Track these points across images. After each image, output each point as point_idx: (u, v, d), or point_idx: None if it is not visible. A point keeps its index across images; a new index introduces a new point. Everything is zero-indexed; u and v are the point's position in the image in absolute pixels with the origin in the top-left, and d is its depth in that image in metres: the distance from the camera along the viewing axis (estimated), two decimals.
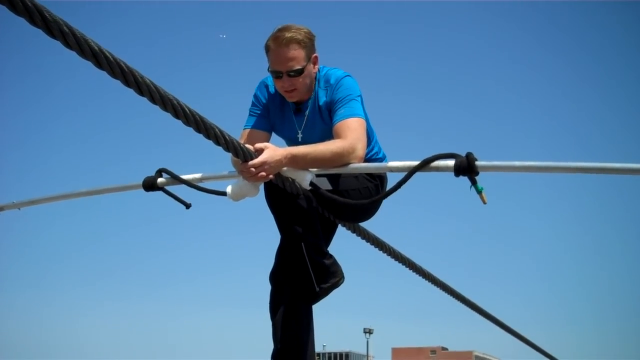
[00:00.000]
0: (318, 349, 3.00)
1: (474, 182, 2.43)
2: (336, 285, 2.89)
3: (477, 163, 2.39)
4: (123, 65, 1.82)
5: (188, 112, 2.09)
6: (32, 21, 1.57)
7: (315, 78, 2.96)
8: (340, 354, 79.18)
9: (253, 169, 2.51)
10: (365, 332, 50.14)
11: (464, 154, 2.45)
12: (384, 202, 2.98)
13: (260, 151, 2.54)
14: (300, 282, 2.80)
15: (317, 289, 2.80)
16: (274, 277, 2.92)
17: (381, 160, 3.15)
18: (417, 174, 2.54)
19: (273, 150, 2.56)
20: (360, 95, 2.92)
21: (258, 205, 2.86)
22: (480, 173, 2.42)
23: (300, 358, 2.82)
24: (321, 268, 2.81)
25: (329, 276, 2.84)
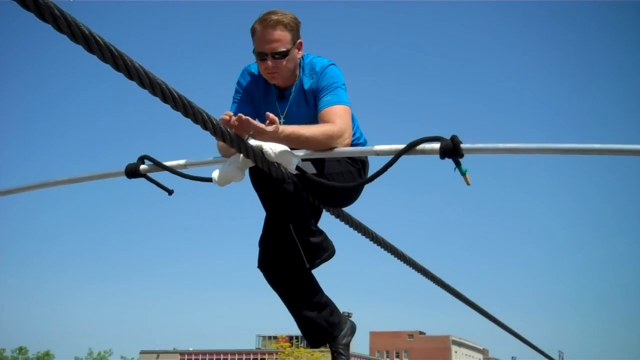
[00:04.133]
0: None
1: (458, 164, 2.46)
2: (327, 258, 2.93)
3: (462, 145, 2.42)
4: (113, 49, 1.83)
5: (176, 96, 2.10)
6: (24, 4, 1.56)
7: (300, 65, 2.98)
8: None
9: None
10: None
11: (448, 137, 2.48)
12: (366, 186, 3.01)
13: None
14: (290, 262, 2.84)
15: (308, 265, 2.84)
16: (264, 264, 2.94)
17: (363, 145, 3.17)
18: (402, 157, 2.57)
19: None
20: (344, 84, 2.95)
21: (244, 190, 2.87)
22: (465, 156, 2.46)
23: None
24: (311, 247, 2.84)
25: (319, 251, 2.88)
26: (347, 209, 3.33)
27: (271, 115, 2.62)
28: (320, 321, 2.96)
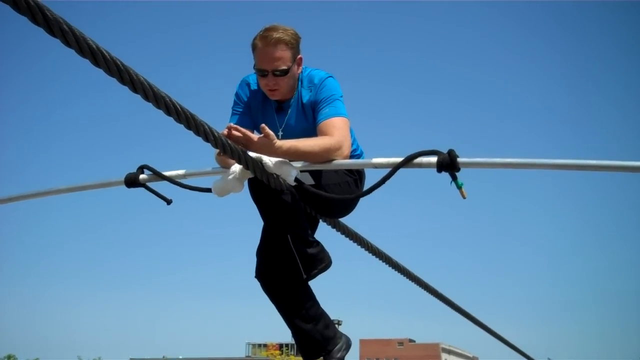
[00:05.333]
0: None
1: (454, 178, 2.50)
2: (323, 269, 2.97)
3: (459, 160, 2.45)
4: (119, 64, 1.85)
5: (180, 109, 2.13)
6: (34, 20, 1.59)
7: (298, 78, 3.02)
8: None
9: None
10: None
11: (444, 151, 2.51)
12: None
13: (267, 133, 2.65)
14: (288, 272, 2.88)
15: (305, 276, 2.88)
16: (261, 273, 2.98)
17: (359, 156, 3.21)
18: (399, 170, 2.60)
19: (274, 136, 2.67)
20: (342, 96, 2.99)
21: (243, 200, 2.91)
22: (461, 169, 2.49)
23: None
24: (308, 258, 2.88)
25: (316, 263, 2.92)
26: (343, 219, 3.36)
27: (267, 129, 2.65)
28: (315, 334, 2.98)
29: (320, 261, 2.94)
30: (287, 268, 2.87)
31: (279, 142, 2.69)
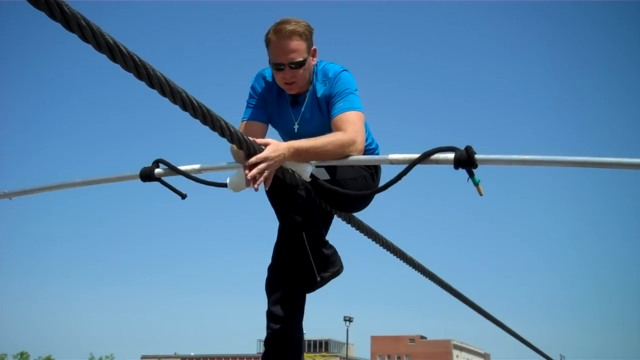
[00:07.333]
0: None
1: (471, 175, 2.48)
2: (336, 274, 2.95)
3: (477, 156, 2.43)
4: (136, 59, 1.85)
5: (196, 104, 2.13)
6: (52, 15, 1.58)
7: (313, 71, 3.00)
8: (320, 342, 79.70)
9: (255, 169, 2.49)
10: (345, 320, 50.38)
11: (462, 147, 2.50)
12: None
13: (263, 146, 2.56)
14: (300, 270, 2.86)
15: (318, 277, 2.85)
16: (273, 268, 2.96)
17: (374, 150, 3.19)
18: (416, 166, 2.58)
19: (275, 145, 2.58)
20: (357, 90, 2.97)
21: (257, 196, 2.90)
22: (478, 166, 2.47)
23: (291, 342, 2.88)
24: (322, 257, 2.87)
25: (329, 265, 2.90)
26: (357, 214, 3.34)
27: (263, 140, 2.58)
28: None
29: (332, 264, 2.93)
30: (299, 267, 2.85)
31: (288, 143, 2.63)
